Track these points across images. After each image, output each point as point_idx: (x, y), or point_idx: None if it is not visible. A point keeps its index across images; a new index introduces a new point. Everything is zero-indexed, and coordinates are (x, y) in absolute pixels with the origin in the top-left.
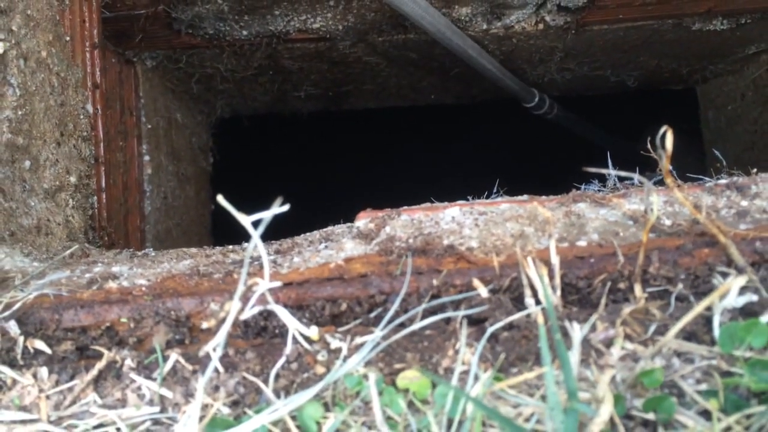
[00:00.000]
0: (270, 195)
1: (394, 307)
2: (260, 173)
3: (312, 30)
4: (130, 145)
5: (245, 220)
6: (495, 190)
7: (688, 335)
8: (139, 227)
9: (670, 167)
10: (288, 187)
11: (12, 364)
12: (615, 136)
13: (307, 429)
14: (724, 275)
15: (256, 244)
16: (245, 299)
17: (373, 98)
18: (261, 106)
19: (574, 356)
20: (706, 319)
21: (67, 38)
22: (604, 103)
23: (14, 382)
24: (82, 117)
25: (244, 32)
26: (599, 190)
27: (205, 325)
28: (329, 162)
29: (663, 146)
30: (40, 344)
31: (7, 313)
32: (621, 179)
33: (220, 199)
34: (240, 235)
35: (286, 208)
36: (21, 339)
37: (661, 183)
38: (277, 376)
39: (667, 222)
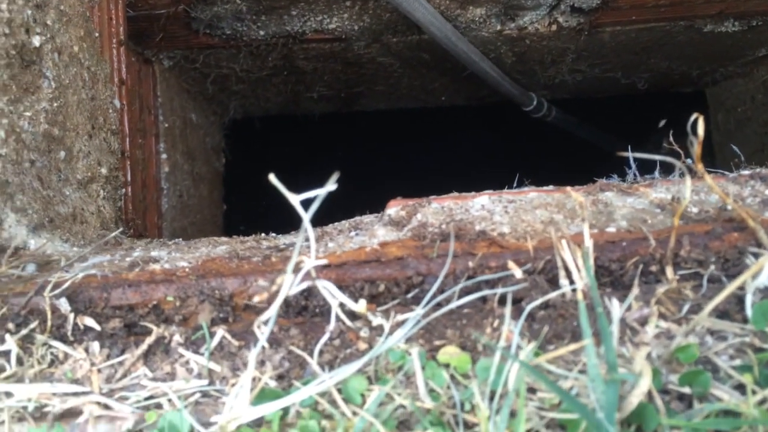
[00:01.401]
0: (280, 195)
1: (436, 285)
2: (270, 174)
3: (328, 30)
4: (149, 143)
5: (294, 198)
6: (515, 183)
7: (720, 314)
8: (156, 224)
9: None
10: (299, 188)
11: (63, 340)
12: (613, 136)
13: (352, 400)
14: (756, 256)
15: (305, 224)
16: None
17: (385, 99)
18: (273, 107)
19: (614, 331)
20: (738, 299)
21: (96, 34)
22: (614, 105)
23: (66, 356)
24: (111, 111)
25: (261, 32)
26: (621, 182)
27: (256, 299)
28: (338, 163)
29: (694, 134)
30: (89, 321)
31: (57, 291)
32: (641, 174)
33: (272, 178)
34: (251, 235)
35: (335, 186)
36: (71, 316)
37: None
38: (321, 352)
39: (695, 209)
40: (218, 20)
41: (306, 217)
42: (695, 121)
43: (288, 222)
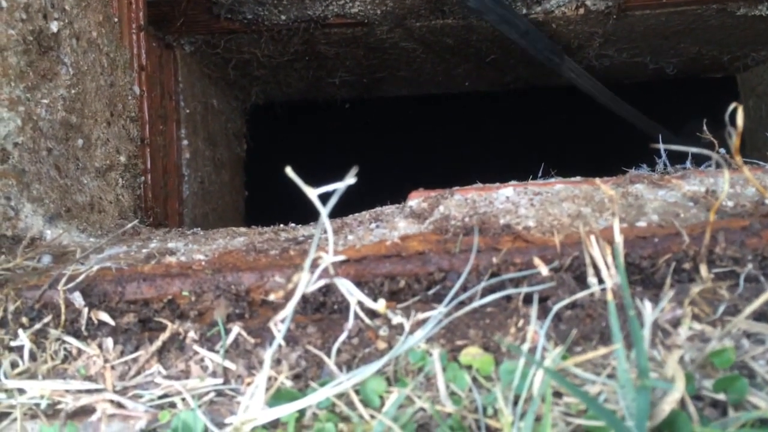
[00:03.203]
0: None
1: (459, 283)
2: (292, 160)
3: (350, 15)
4: (170, 129)
5: (312, 192)
6: (540, 173)
7: (758, 316)
8: (177, 211)
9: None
10: (319, 174)
11: (77, 335)
12: (653, 121)
13: (370, 403)
14: None
15: (323, 219)
16: (309, 273)
17: (407, 85)
18: (295, 93)
19: (645, 335)
20: None
21: (116, 19)
22: (641, 90)
23: (80, 352)
24: (130, 98)
25: (283, 17)
26: (651, 173)
27: (272, 297)
28: (361, 149)
29: (733, 123)
30: (104, 316)
31: (71, 285)
32: (671, 162)
33: (289, 171)
34: (273, 222)
35: (354, 180)
36: (85, 310)
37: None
38: (339, 351)
39: (730, 203)
40: (239, 4)
41: (324, 212)
42: (734, 111)
43: (311, 208)
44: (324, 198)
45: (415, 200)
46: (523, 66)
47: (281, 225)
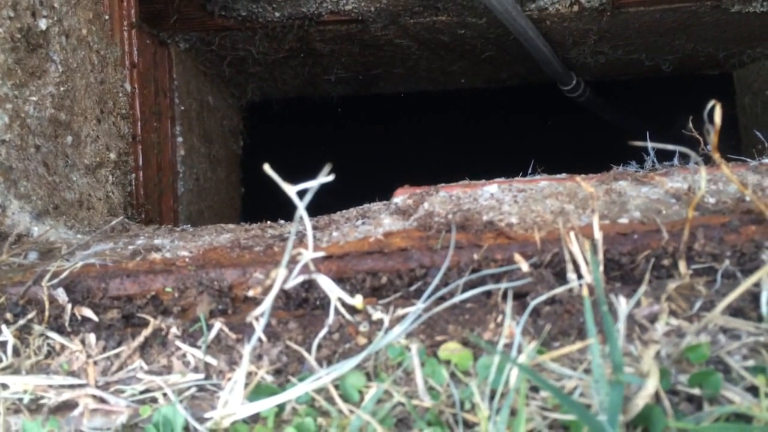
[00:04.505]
0: (298, 179)
1: (437, 279)
2: (288, 157)
3: (344, 12)
4: (164, 126)
5: (290, 189)
6: (530, 170)
7: (734, 311)
8: (172, 208)
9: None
10: (317, 170)
11: (60, 331)
12: (644, 120)
13: (349, 397)
14: None
15: (301, 215)
16: (289, 269)
17: (403, 82)
18: (291, 90)
19: (620, 330)
20: (753, 296)
21: (107, 17)
22: (637, 87)
23: (63, 347)
24: (120, 95)
25: (277, 14)
26: (636, 171)
27: (251, 293)
28: (357, 146)
29: (711, 121)
30: (87, 312)
31: (55, 281)
32: (660, 160)
33: (267, 168)
34: (270, 219)
35: (331, 177)
36: (69, 306)
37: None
38: (319, 346)
39: (711, 200)
40: (233, 2)
41: (302, 207)
42: (712, 108)
43: (310, 202)
44: (303, 196)
45: (401, 197)
46: (520, 63)
47: (269, 222)
